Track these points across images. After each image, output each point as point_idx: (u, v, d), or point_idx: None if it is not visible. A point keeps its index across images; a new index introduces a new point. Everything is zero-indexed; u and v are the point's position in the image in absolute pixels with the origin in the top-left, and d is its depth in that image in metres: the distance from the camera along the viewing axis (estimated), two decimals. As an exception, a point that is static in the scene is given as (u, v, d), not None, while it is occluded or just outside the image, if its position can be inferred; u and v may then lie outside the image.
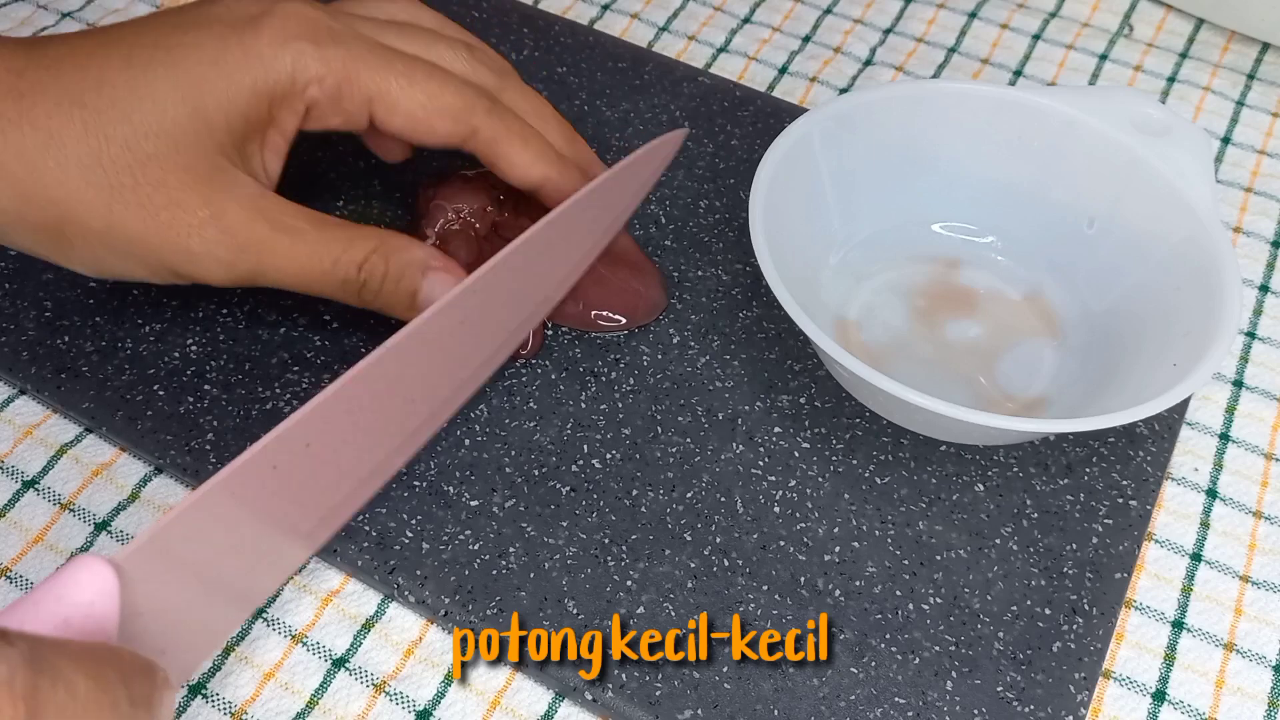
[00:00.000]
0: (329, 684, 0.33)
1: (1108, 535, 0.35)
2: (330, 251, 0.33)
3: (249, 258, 0.32)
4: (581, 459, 0.36)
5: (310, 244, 0.33)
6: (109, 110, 0.31)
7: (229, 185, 0.32)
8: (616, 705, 0.32)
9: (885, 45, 0.52)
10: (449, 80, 0.34)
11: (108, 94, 0.31)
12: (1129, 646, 0.34)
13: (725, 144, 0.45)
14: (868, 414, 0.38)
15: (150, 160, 0.31)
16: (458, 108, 0.34)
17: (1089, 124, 0.39)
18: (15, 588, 0.34)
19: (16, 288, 0.40)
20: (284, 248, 0.33)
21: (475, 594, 0.33)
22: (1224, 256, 0.35)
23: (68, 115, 0.31)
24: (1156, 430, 0.38)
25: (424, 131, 0.34)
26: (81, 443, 0.37)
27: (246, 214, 0.32)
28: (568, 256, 0.37)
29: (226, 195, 0.32)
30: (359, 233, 0.34)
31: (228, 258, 0.32)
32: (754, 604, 0.33)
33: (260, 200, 0.33)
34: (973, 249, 0.41)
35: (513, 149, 0.35)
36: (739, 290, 0.41)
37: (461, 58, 0.36)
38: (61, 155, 0.31)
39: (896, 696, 0.32)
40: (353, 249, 0.33)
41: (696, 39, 0.52)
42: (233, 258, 0.32)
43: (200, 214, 0.32)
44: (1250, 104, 0.50)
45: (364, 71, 0.33)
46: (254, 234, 0.32)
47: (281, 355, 0.38)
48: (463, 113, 0.34)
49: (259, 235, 0.32)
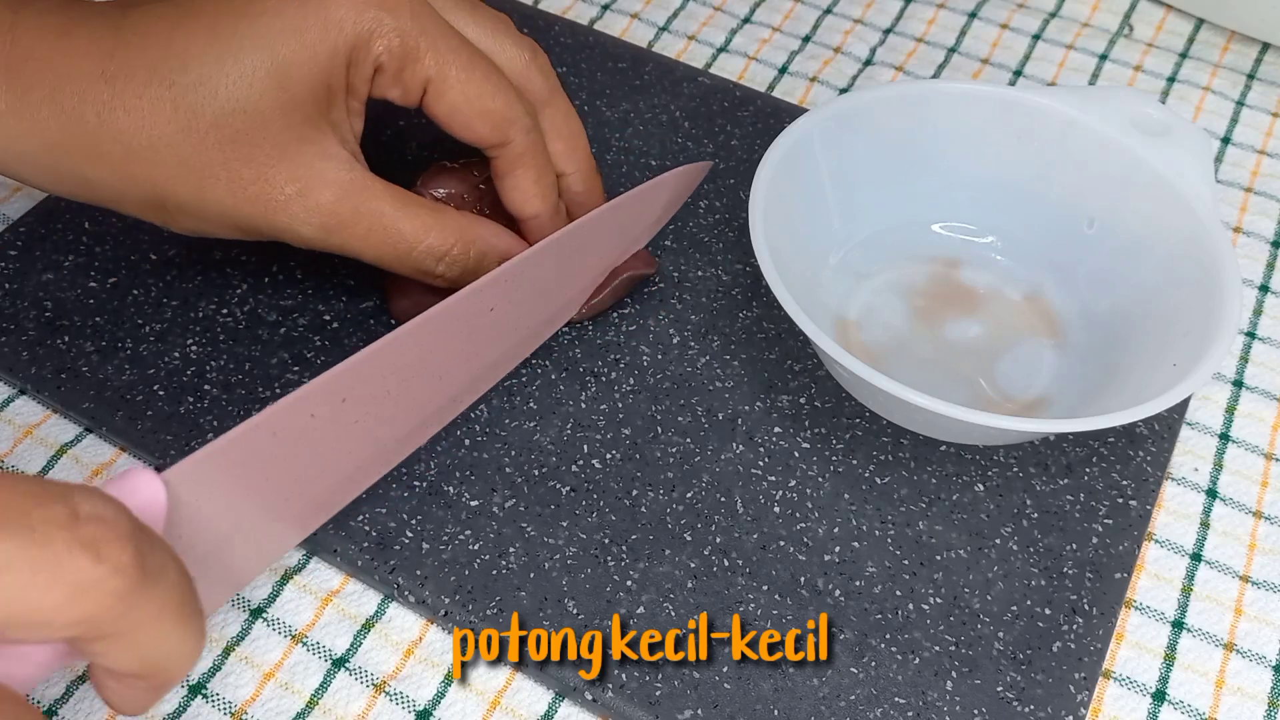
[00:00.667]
0: (329, 684, 0.33)
1: (1108, 535, 0.35)
2: (413, 236, 0.34)
3: (332, 237, 0.33)
4: (581, 459, 0.36)
5: (392, 228, 0.33)
6: (196, 88, 0.31)
7: (316, 159, 0.33)
8: (616, 705, 0.32)
9: (885, 45, 0.52)
10: (503, 84, 0.34)
11: (194, 71, 0.31)
12: (1129, 646, 0.34)
13: (725, 144, 0.45)
14: (868, 414, 0.38)
15: (238, 136, 0.32)
16: (501, 116, 0.34)
17: (1089, 124, 0.39)
18: (15, 588, 0.34)
19: (16, 288, 0.40)
20: (366, 229, 0.33)
21: (475, 594, 0.33)
22: (1224, 256, 0.35)
23: (157, 95, 0.31)
24: (1156, 430, 0.38)
25: (460, 125, 0.34)
26: (81, 443, 0.37)
27: (332, 193, 0.33)
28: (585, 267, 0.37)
29: (313, 171, 0.32)
30: (442, 220, 0.34)
31: (314, 235, 0.33)
32: (754, 604, 0.33)
33: (346, 175, 0.33)
34: (973, 249, 0.41)
35: (527, 177, 0.36)
36: (739, 290, 0.41)
37: (523, 58, 0.36)
38: (153, 135, 0.31)
39: (896, 696, 0.32)
40: (435, 237, 0.34)
41: (696, 39, 0.52)
42: (318, 235, 0.33)
43: (287, 190, 0.32)
44: (1250, 104, 0.50)
45: (429, 51, 0.33)
46: (338, 214, 0.33)
47: (281, 355, 0.38)
48: (503, 123, 0.34)
49: (343, 216, 0.33)
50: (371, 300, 0.40)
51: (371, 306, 0.40)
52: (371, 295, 0.40)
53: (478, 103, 0.34)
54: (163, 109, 0.31)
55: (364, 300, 0.40)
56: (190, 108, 0.31)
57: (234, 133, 0.32)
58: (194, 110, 0.31)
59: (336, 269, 0.41)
